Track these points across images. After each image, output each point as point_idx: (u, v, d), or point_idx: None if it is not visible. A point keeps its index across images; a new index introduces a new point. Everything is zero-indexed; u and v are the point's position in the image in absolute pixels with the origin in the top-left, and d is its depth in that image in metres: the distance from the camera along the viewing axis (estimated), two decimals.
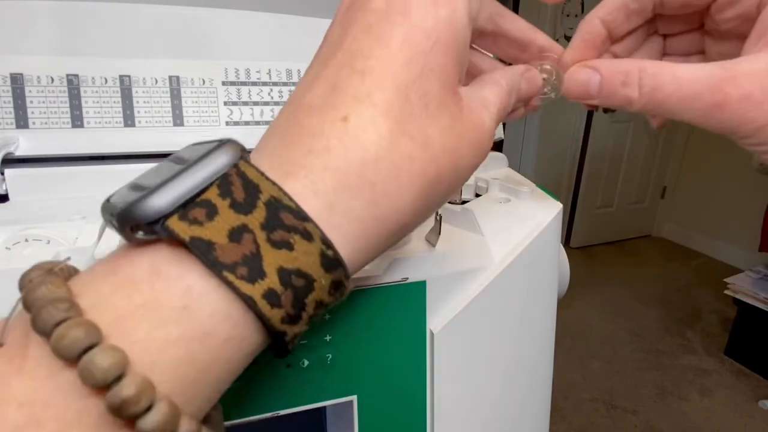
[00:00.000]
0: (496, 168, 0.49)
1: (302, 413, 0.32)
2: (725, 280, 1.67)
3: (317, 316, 0.16)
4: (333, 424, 0.41)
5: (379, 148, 0.16)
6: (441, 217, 0.34)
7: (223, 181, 0.14)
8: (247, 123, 0.39)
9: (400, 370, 0.34)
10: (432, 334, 0.34)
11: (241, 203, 0.14)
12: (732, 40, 0.23)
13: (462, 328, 0.35)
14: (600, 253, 2.67)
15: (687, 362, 1.73)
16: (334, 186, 0.15)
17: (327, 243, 0.15)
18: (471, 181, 0.45)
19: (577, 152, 2.63)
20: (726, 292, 1.67)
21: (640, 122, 2.58)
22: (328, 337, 0.31)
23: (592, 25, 0.24)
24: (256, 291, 0.14)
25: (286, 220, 0.15)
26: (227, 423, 0.30)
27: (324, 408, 0.41)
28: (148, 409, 0.12)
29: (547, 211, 0.38)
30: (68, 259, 0.16)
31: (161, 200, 0.14)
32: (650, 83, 0.20)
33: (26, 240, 0.28)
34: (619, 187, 2.71)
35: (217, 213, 0.14)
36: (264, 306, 0.14)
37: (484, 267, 0.36)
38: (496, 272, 0.36)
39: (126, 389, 0.12)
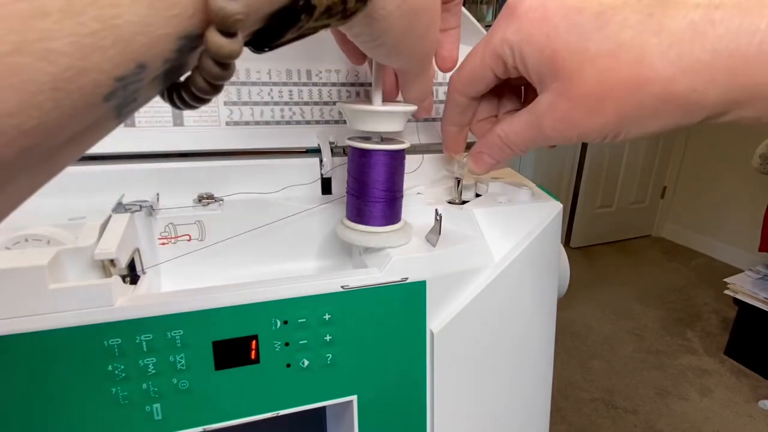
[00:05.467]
0: (496, 168, 0.49)
1: (302, 413, 0.32)
2: (725, 280, 1.67)
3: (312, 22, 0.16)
4: (333, 424, 0.41)
5: None
6: (441, 217, 0.34)
7: None
8: (247, 123, 0.39)
9: (400, 370, 0.34)
10: (432, 334, 0.34)
11: None
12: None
13: (462, 328, 0.35)
14: (600, 253, 2.66)
15: (687, 362, 1.73)
16: None
17: None
18: (471, 180, 0.45)
19: (577, 152, 2.63)
20: (726, 292, 1.67)
21: None
22: (328, 337, 0.31)
23: (448, 132, 0.35)
24: None
25: None
26: (227, 423, 0.30)
27: (324, 408, 0.41)
28: None
29: (547, 211, 0.38)
30: None
31: None
32: (509, 142, 0.30)
33: (26, 240, 0.28)
34: (619, 187, 2.71)
35: None
36: None
37: (484, 267, 0.36)
38: (496, 272, 0.36)
39: None
